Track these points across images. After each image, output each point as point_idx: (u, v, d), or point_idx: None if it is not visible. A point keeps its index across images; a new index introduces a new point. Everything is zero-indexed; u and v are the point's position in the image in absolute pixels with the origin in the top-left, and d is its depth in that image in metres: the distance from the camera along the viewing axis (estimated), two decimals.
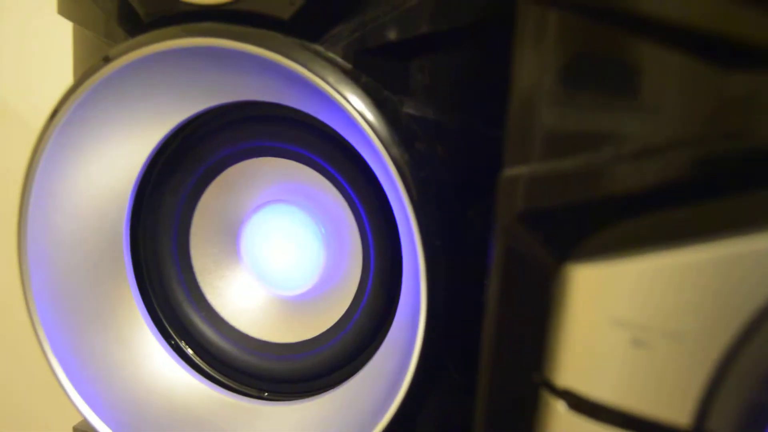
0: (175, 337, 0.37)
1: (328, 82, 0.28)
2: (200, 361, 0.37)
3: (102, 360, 0.35)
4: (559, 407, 0.22)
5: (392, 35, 0.29)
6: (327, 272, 0.35)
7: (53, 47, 0.69)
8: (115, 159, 0.35)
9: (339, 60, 0.29)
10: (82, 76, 0.32)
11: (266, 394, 0.37)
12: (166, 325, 0.37)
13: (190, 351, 0.37)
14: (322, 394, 0.35)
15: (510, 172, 0.23)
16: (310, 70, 0.28)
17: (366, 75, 0.29)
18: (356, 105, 0.28)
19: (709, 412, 0.19)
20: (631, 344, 0.20)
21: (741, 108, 0.19)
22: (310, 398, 0.35)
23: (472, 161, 0.31)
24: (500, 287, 0.23)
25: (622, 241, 0.21)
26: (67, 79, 0.40)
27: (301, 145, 0.34)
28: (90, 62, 0.36)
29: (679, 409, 0.20)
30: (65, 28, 0.39)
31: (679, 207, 0.20)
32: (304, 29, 0.29)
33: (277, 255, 0.36)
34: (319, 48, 0.29)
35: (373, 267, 0.33)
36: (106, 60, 0.32)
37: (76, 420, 0.40)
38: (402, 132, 0.28)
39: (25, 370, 0.74)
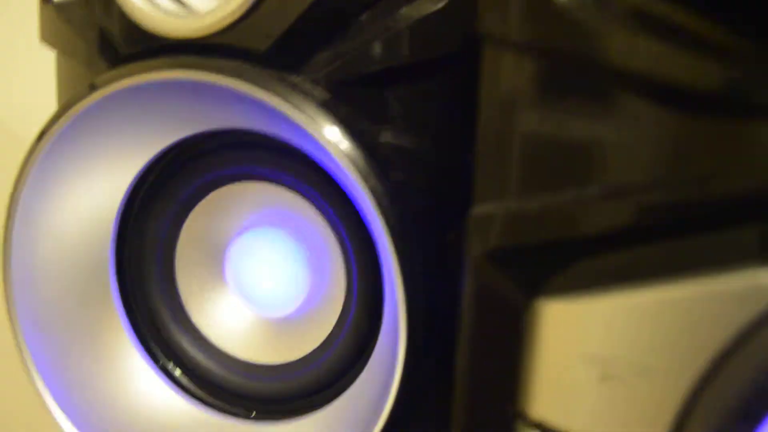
0: (162, 358, 0.38)
1: (303, 114, 0.28)
2: (187, 382, 0.38)
3: (89, 384, 0.35)
4: None
5: (370, 65, 0.30)
6: (312, 293, 0.36)
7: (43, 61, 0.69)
8: (99, 186, 0.35)
9: (316, 91, 0.30)
10: (65, 105, 0.33)
11: (254, 414, 0.37)
12: (153, 348, 0.38)
13: (177, 372, 0.38)
14: (309, 415, 0.36)
15: (479, 209, 0.23)
16: (284, 102, 0.28)
17: (343, 105, 0.30)
18: (332, 137, 0.28)
19: None
20: (600, 379, 0.21)
21: (708, 152, 0.20)
22: (297, 418, 0.36)
23: (449, 190, 0.31)
24: (472, 322, 0.24)
25: (592, 278, 0.22)
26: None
27: (283, 170, 0.34)
28: (73, 90, 0.37)
29: None
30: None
31: (648, 246, 0.21)
32: (282, 61, 0.30)
33: (262, 277, 0.37)
34: (297, 79, 0.30)
35: (356, 289, 0.34)
36: (92, 88, 0.32)
37: None
38: (379, 162, 0.29)
39: (12, 394, 0.73)
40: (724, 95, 0.19)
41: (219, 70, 0.29)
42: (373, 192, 0.28)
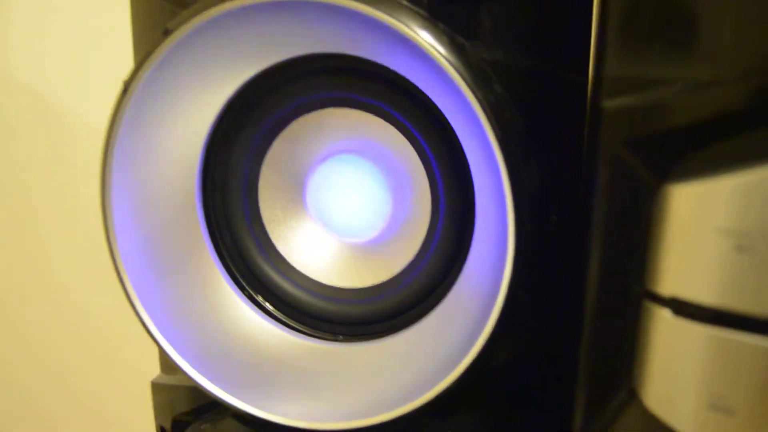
0: (249, 287, 0.39)
1: (412, 30, 0.29)
2: (274, 309, 0.39)
3: (185, 310, 0.36)
4: (665, 314, 0.24)
5: None
6: (394, 217, 0.37)
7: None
8: (186, 119, 0.36)
9: (415, 9, 0.31)
10: (153, 44, 0.33)
11: (341, 337, 0.38)
12: (240, 277, 0.39)
13: (264, 300, 0.39)
14: (396, 334, 0.37)
15: (609, 103, 0.25)
16: (393, 18, 0.29)
17: (442, 22, 0.31)
18: (441, 50, 0.29)
19: None
20: (735, 250, 0.22)
21: None
22: (383, 338, 0.37)
23: (542, 101, 0.32)
24: (605, 209, 0.25)
25: (718, 159, 0.23)
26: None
27: (367, 94, 0.35)
28: (151, 24, 0.37)
29: None
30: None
31: None
32: None
33: (343, 203, 0.38)
34: None
35: (443, 209, 0.35)
36: (181, 22, 0.32)
37: (153, 374, 0.42)
38: (482, 75, 0.30)
39: (106, 326, 0.78)
40: None
41: None
42: (482, 102, 0.29)
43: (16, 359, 0.84)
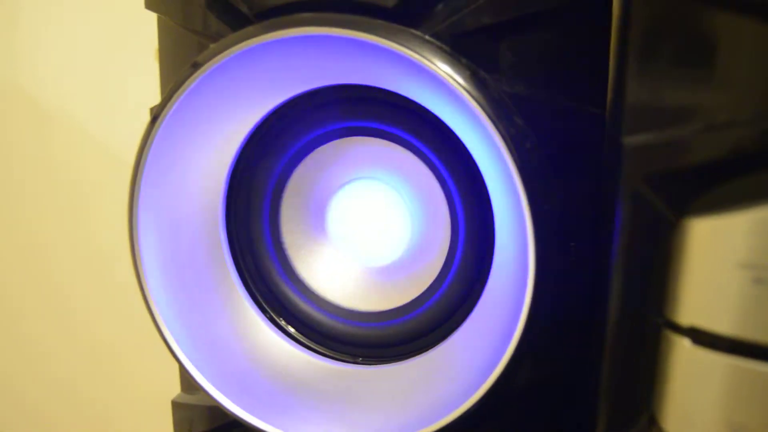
0: (271, 309, 0.40)
1: (436, 65, 0.30)
2: (294, 330, 0.40)
3: (208, 331, 0.37)
4: (684, 343, 0.25)
5: (486, 19, 0.32)
6: (414, 242, 0.38)
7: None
8: (213, 145, 0.37)
9: (438, 44, 0.32)
10: (182, 76, 0.34)
11: (360, 359, 0.39)
12: (261, 300, 0.40)
13: (285, 323, 0.40)
14: (415, 357, 0.38)
15: (629, 139, 0.26)
16: (419, 54, 0.30)
17: (463, 56, 0.32)
18: (463, 84, 0.30)
19: None
20: (752, 282, 0.23)
21: None
22: (403, 361, 0.38)
23: (561, 133, 0.33)
24: (626, 242, 0.26)
25: (736, 195, 0.24)
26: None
27: (390, 123, 0.36)
28: (179, 54, 0.39)
29: None
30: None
31: None
32: (405, 16, 0.32)
33: (364, 228, 0.39)
34: (418, 33, 0.32)
35: (463, 234, 0.36)
36: (213, 54, 0.33)
37: (171, 393, 0.43)
38: (503, 108, 0.31)
39: (130, 346, 0.79)
40: None
41: (352, 26, 0.31)
42: (504, 135, 0.30)
43: (30, 380, 0.85)
